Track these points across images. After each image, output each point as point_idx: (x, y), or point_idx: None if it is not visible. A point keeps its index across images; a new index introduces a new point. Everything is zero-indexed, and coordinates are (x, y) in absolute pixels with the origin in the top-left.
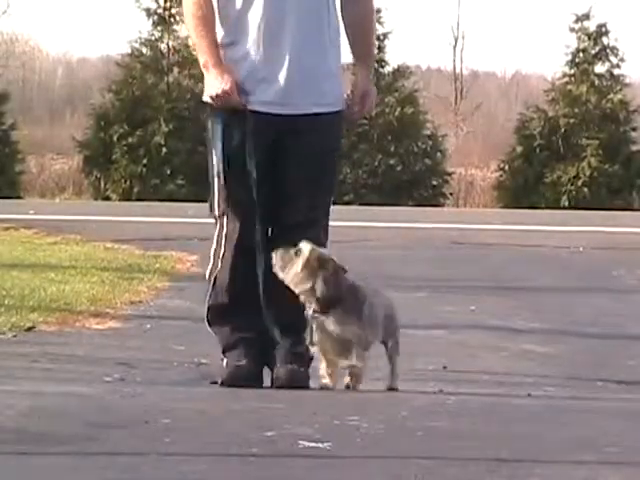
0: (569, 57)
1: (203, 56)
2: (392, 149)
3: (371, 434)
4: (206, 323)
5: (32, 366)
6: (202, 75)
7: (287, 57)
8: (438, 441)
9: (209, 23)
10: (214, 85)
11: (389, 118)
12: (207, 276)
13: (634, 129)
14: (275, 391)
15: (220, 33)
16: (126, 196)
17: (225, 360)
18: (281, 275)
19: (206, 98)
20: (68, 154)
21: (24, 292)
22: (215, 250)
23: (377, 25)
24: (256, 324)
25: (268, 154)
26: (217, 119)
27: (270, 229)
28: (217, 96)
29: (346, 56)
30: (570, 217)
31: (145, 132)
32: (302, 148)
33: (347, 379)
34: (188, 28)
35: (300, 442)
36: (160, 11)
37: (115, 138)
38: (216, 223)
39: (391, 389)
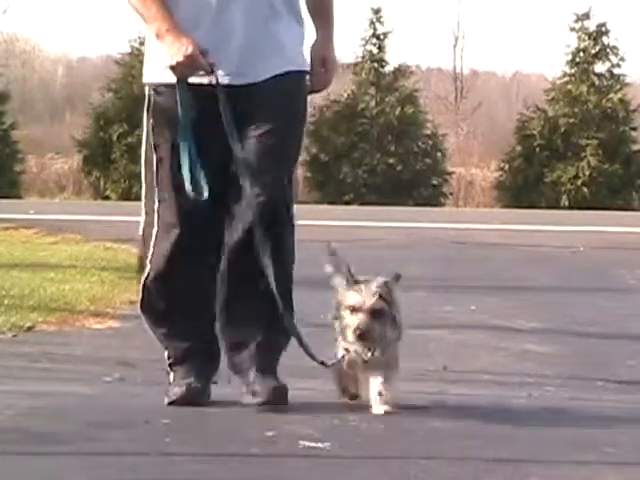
0: (569, 57)
1: (154, 24)
2: (392, 149)
3: (371, 434)
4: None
5: (32, 366)
6: None
7: (236, 20)
8: (438, 441)
9: None
10: (173, 52)
11: (389, 118)
12: (142, 279)
13: (634, 128)
14: None
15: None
16: (126, 196)
17: (172, 375)
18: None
19: (150, 78)
20: (68, 154)
21: (24, 292)
22: (153, 246)
23: (377, 25)
24: (201, 333)
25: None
26: (182, 93)
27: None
28: (179, 64)
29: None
30: (570, 217)
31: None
32: (262, 117)
33: (384, 407)
34: (133, 3)
35: (300, 442)
36: None
37: (115, 137)
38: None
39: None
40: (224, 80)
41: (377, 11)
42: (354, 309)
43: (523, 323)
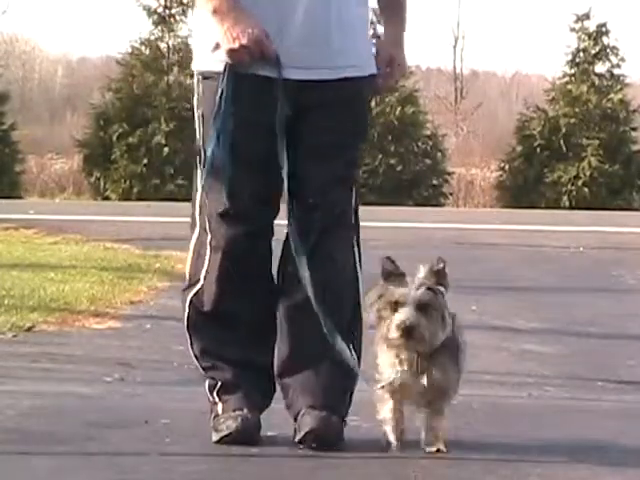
0: (569, 57)
1: (211, 1)
2: (392, 149)
3: (372, 434)
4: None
5: (32, 366)
6: None
7: (300, 6)
8: None
9: None
10: (235, 33)
11: (389, 118)
12: (183, 295)
13: (634, 129)
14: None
15: None
16: (126, 196)
17: (220, 405)
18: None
19: (201, 65)
20: (68, 154)
21: (24, 292)
22: (194, 262)
23: (377, 25)
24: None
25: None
26: (229, 84)
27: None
28: (242, 47)
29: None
30: (570, 217)
31: (145, 132)
32: (323, 124)
33: (437, 444)
34: None
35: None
36: (160, 10)
37: (115, 137)
38: (196, 225)
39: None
40: (288, 73)
41: (377, 12)
42: (397, 303)
43: (523, 323)
